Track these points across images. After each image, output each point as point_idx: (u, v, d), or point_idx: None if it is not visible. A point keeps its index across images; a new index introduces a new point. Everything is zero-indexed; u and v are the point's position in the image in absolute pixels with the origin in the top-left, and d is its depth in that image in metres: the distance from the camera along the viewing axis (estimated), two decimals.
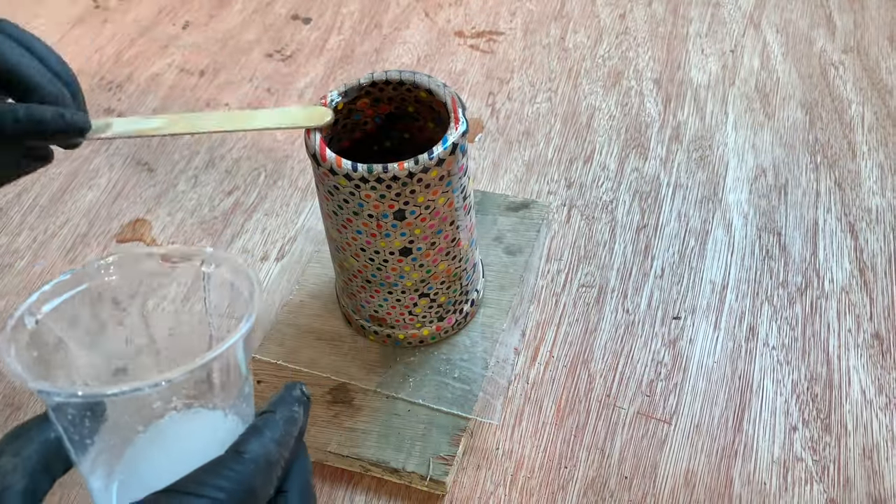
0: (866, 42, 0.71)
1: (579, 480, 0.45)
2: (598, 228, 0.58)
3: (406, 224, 0.43)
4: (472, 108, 0.68)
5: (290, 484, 0.29)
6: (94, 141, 0.70)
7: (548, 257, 0.56)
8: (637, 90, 0.68)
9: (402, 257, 0.45)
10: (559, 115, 0.67)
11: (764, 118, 0.65)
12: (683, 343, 0.51)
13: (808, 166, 0.61)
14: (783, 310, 0.52)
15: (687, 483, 0.45)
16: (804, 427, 0.47)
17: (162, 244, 0.60)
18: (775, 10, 0.75)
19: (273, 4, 0.81)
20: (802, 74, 0.68)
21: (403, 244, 0.44)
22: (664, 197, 0.60)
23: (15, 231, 0.61)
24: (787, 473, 0.45)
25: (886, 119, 0.64)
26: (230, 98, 0.71)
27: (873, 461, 0.45)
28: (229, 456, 0.27)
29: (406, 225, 0.43)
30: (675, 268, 0.55)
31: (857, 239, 0.56)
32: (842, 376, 0.49)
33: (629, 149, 0.63)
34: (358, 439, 0.46)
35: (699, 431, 0.47)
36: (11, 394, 0.51)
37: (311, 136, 0.43)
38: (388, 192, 0.41)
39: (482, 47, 0.74)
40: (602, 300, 0.54)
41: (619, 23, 0.75)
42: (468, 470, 0.46)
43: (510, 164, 0.63)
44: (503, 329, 0.51)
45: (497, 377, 0.49)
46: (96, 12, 0.82)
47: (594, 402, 0.49)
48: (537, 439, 0.47)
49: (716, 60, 0.70)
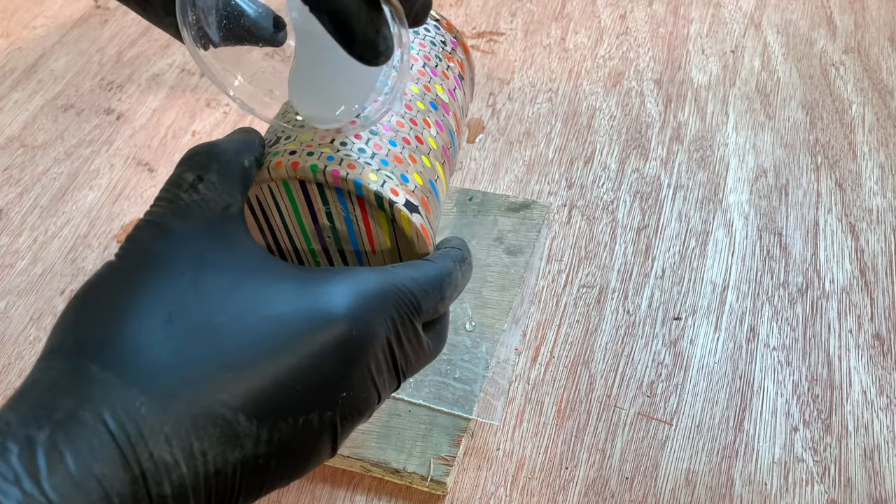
0: (867, 42, 0.71)
1: (580, 481, 0.45)
2: (598, 229, 0.58)
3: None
4: (473, 109, 0.68)
5: (445, 318, 0.33)
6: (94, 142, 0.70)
7: (548, 258, 0.56)
8: (638, 91, 0.68)
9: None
10: (560, 116, 0.67)
11: (765, 119, 0.65)
12: (684, 344, 0.51)
13: (809, 167, 0.61)
14: (784, 310, 0.52)
15: (688, 483, 0.45)
16: (805, 428, 0.47)
17: None
18: (776, 10, 0.75)
19: None
20: (803, 75, 0.68)
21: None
22: (665, 197, 0.60)
23: (16, 231, 0.61)
24: (787, 474, 0.45)
25: (887, 120, 0.64)
26: None
27: (874, 462, 0.45)
28: (420, 260, 0.32)
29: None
30: (675, 268, 0.55)
31: (857, 239, 0.56)
32: (843, 377, 0.49)
33: (630, 149, 0.63)
34: (358, 440, 0.46)
35: (700, 432, 0.47)
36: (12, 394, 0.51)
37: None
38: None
39: (483, 48, 0.74)
40: (603, 301, 0.54)
41: (619, 23, 0.75)
42: (469, 470, 0.46)
43: (511, 164, 0.63)
44: (504, 330, 0.51)
45: (498, 378, 0.49)
46: (97, 12, 0.82)
47: (595, 403, 0.49)
48: (538, 440, 0.47)
49: (716, 61, 0.70)
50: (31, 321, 0.55)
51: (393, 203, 0.33)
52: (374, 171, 0.33)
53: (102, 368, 0.24)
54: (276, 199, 0.35)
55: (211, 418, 0.25)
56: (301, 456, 0.27)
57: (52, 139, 0.69)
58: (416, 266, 0.31)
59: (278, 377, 0.26)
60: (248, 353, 0.26)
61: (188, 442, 0.24)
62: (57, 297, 0.56)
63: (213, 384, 0.25)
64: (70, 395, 0.24)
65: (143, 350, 0.25)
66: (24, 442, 0.23)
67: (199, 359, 0.25)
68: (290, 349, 0.26)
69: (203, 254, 0.27)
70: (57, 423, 0.23)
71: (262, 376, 0.26)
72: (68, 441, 0.23)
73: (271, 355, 0.26)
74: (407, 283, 0.30)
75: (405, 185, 0.34)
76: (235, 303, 0.26)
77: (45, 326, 0.55)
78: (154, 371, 0.25)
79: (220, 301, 0.26)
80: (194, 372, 0.25)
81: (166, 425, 0.24)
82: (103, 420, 0.24)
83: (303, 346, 0.26)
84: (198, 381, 0.25)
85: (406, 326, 0.30)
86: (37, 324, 0.55)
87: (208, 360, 0.25)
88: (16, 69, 0.76)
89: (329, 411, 0.27)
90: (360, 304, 0.28)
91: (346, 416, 0.28)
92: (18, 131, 0.70)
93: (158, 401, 0.24)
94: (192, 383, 0.25)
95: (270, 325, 0.26)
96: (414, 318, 0.30)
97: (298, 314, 0.27)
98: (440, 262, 0.32)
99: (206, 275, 0.27)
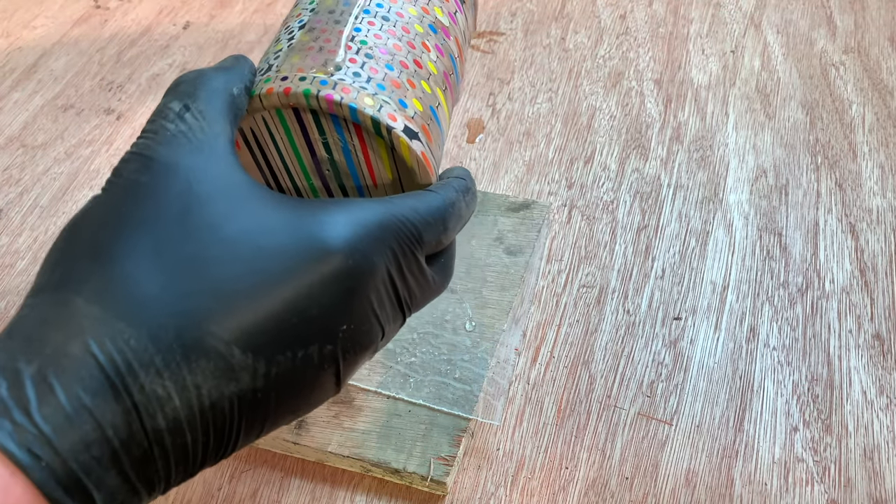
0: (867, 43, 0.71)
1: (580, 481, 0.45)
2: (598, 229, 0.58)
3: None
4: (473, 109, 0.68)
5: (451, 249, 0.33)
6: (94, 142, 0.70)
7: (548, 258, 0.56)
8: (638, 90, 0.68)
9: None
10: (560, 116, 0.67)
11: (765, 119, 0.65)
12: (684, 344, 0.51)
13: (809, 167, 0.61)
14: (784, 310, 0.52)
15: (688, 483, 0.45)
16: (805, 428, 0.47)
17: None
18: (776, 10, 0.75)
19: (274, 5, 0.81)
20: (803, 75, 0.68)
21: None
22: (665, 197, 0.60)
23: (16, 231, 0.61)
24: (787, 474, 0.45)
25: (887, 120, 0.64)
26: None
27: (874, 462, 0.45)
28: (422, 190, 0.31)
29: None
30: (675, 268, 0.55)
31: (857, 239, 0.56)
32: (843, 377, 0.49)
33: (630, 149, 0.63)
34: (358, 440, 0.46)
35: (700, 432, 0.47)
36: None
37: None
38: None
39: (483, 47, 0.74)
40: (603, 301, 0.54)
41: (619, 23, 0.75)
42: (469, 471, 0.46)
43: (511, 164, 0.63)
44: (504, 330, 0.51)
45: (498, 378, 0.49)
46: (96, 12, 0.82)
47: (595, 403, 0.49)
48: (538, 440, 0.47)
49: (716, 61, 0.70)
50: None
51: (391, 129, 0.32)
52: (369, 96, 0.32)
53: (88, 302, 0.24)
54: (270, 131, 0.33)
55: (203, 351, 0.24)
56: (302, 391, 0.27)
57: (52, 139, 0.69)
58: (417, 196, 0.30)
59: (273, 309, 0.25)
60: (240, 285, 0.25)
61: (180, 375, 0.24)
62: None
63: (203, 316, 0.24)
64: (57, 329, 0.23)
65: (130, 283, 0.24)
66: (13, 375, 0.23)
67: (189, 291, 0.24)
68: (284, 281, 0.25)
69: (191, 185, 0.26)
70: (45, 356, 0.23)
71: (255, 309, 0.25)
72: (57, 374, 0.23)
73: (265, 287, 0.25)
74: (407, 213, 0.29)
75: (404, 110, 0.33)
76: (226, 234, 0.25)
77: None
78: (142, 304, 0.24)
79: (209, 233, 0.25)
80: (183, 304, 0.24)
81: (156, 357, 0.23)
82: (92, 353, 0.23)
83: (298, 278, 0.25)
84: (187, 314, 0.24)
85: (408, 258, 0.29)
86: None
87: (198, 292, 0.24)
88: (16, 69, 0.76)
89: (329, 345, 0.27)
90: (358, 235, 0.27)
91: (349, 349, 0.27)
92: (18, 131, 0.70)
93: (147, 333, 0.24)
94: (181, 315, 0.24)
95: (264, 257, 0.25)
96: (416, 249, 0.29)
97: (293, 245, 0.26)
98: (443, 192, 0.31)
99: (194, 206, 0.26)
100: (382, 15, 0.35)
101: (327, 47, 0.33)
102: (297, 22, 0.35)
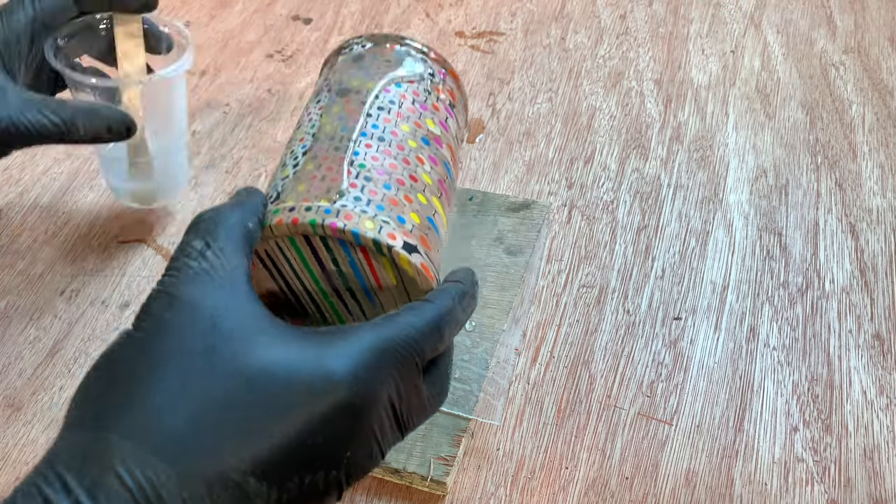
0: (867, 42, 0.71)
1: (580, 481, 0.45)
2: (598, 229, 0.58)
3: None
4: (473, 109, 0.68)
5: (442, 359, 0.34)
6: None
7: (548, 258, 0.56)
8: (638, 90, 0.68)
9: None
10: (560, 116, 0.67)
11: (765, 118, 0.65)
12: (684, 344, 0.51)
13: (809, 167, 0.61)
14: (784, 310, 0.52)
15: (688, 483, 0.45)
16: (805, 428, 0.47)
17: (163, 245, 0.60)
18: (776, 10, 0.75)
19: (274, 5, 0.81)
20: (803, 75, 0.68)
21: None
22: (665, 197, 0.60)
23: (16, 231, 0.61)
24: (787, 474, 0.45)
25: (887, 120, 0.64)
26: (230, 98, 0.71)
27: (874, 462, 0.45)
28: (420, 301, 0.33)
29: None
30: (675, 268, 0.55)
31: (857, 239, 0.56)
32: (843, 377, 0.49)
33: (630, 149, 0.63)
34: None
35: (700, 432, 0.47)
36: (12, 394, 0.51)
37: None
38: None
39: (483, 48, 0.74)
40: (603, 301, 0.54)
41: (619, 23, 0.75)
42: (469, 470, 0.46)
43: (511, 164, 0.63)
44: (504, 329, 0.51)
45: (498, 378, 0.49)
46: None
47: (595, 403, 0.49)
48: (538, 440, 0.47)
49: (716, 61, 0.70)
50: (31, 321, 0.55)
51: (391, 247, 0.35)
52: (370, 219, 0.35)
53: (122, 438, 0.26)
54: (283, 252, 0.36)
55: (223, 482, 0.27)
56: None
57: None
58: (414, 310, 0.33)
59: (285, 441, 0.28)
60: (256, 418, 0.28)
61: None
62: (57, 297, 0.56)
63: (224, 450, 0.27)
64: (94, 464, 0.26)
65: (159, 419, 0.27)
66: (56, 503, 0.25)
67: (212, 425, 0.27)
68: (295, 413, 0.28)
69: (214, 322, 0.29)
70: (84, 488, 0.25)
71: (269, 441, 0.28)
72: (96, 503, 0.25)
73: (278, 420, 0.28)
74: (405, 332, 0.31)
75: (402, 226, 0.36)
76: (245, 369, 0.28)
77: (44, 326, 0.55)
78: (170, 439, 0.27)
79: (230, 368, 0.28)
80: (207, 439, 0.27)
81: (184, 491, 0.26)
82: (126, 485, 0.26)
83: (307, 411, 0.28)
84: (210, 449, 0.27)
85: (406, 380, 0.31)
86: (37, 324, 0.55)
87: (220, 426, 0.27)
88: None
89: (334, 470, 0.29)
90: (361, 365, 0.30)
91: (352, 472, 0.30)
92: None
93: (175, 468, 0.26)
94: (205, 451, 0.27)
95: (277, 391, 0.28)
96: (415, 368, 0.32)
97: (302, 379, 0.28)
98: (439, 302, 0.34)
99: (217, 343, 0.29)
100: (378, 136, 0.38)
101: (329, 175, 0.36)
102: (300, 147, 0.39)
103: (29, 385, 0.51)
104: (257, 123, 0.69)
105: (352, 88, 0.40)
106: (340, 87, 0.41)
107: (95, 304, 0.56)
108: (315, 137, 0.38)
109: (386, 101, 0.40)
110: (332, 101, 0.40)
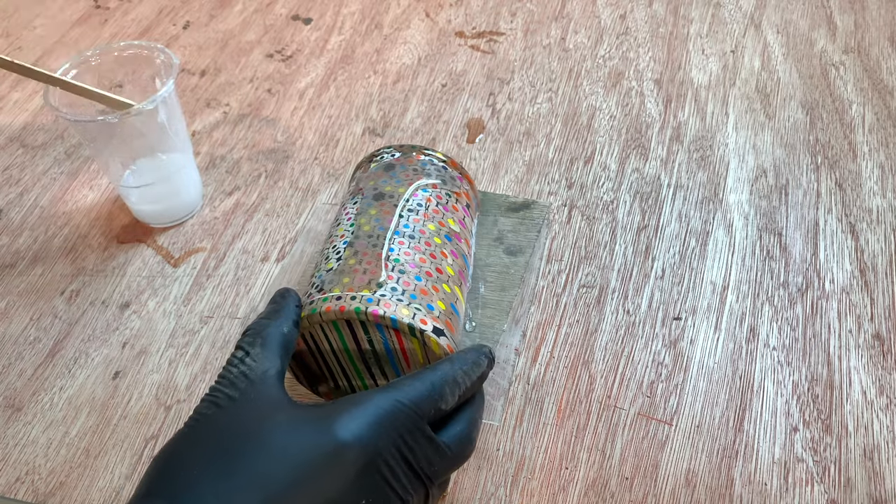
0: (867, 43, 0.71)
1: (580, 481, 0.45)
2: (598, 229, 0.58)
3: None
4: (473, 109, 0.68)
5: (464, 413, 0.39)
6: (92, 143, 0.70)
7: (548, 258, 0.56)
8: (638, 90, 0.68)
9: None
10: (560, 116, 0.67)
11: (765, 119, 0.65)
12: (684, 344, 0.51)
13: (809, 167, 0.61)
14: (784, 310, 0.52)
15: (688, 483, 0.45)
16: (805, 428, 0.47)
17: (164, 246, 0.60)
18: (776, 10, 0.75)
19: (273, 5, 0.81)
20: (803, 75, 0.68)
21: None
22: (665, 197, 0.60)
23: (16, 231, 0.61)
24: (787, 474, 0.45)
25: (887, 120, 0.64)
26: (231, 98, 0.71)
27: (874, 462, 0.45)
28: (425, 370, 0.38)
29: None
30: (675, 268, 0.55)
31: (857, 239, 0.56)
32: (842, 377, 0.49)
33: (630, 149, 0.63)
34: None
35: (700, 432, 0.47)
36: (12, 394, 0.51)
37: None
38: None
39: (483, 48, 0.74)
40: (603, 301, 0.54)
41: (619, 23, 0.75)
42: (469, 471, 0.46)
43: (511, 164, 0.63)
44: (504, 330, 0.51)
45: (498, 378, 0.49)
46: (96, 12, 0.82)
47: (595, 403, 0.49)
48: (538, 440, 0.47)
49: (716, 61, 0.70)
50: (31, 321, 0.55)
51: (423, 332, 0.41)
52: (405, 307, 0.41)
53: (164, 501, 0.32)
54: (325, 333, 0.43)
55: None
56: None
57: (52, 139, 0.69)
58: (419, 375, 0.38)
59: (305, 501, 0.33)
60: (283, 493, 0.33)
61: None
62: (57, 297, 0.56)
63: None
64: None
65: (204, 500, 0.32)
66: None
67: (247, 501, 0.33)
68: (314, 482, 0.33)
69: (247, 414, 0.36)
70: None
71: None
72: None
73: (298, 485, 0.33)
74: (407, 394, 0.37)
75: (431, 313, 0.42)
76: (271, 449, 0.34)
77: (44, 326, 0.55)
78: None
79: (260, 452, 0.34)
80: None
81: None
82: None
83: (322, 472, 0.33)
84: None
85: (413, 432, 0.36)
86: (37, 324, 0.55)
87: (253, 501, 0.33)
88: None
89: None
90: (365, 425, 0.35)
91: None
92: (18, 131, 0.70)
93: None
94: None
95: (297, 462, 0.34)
96: (419, 423, 0.36)
97: (318, 447, 0.34)
98: (441, 368, 0.39)
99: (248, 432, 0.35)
100: (409, 234, 0.45)
101: (370, 269, 0.43)
102: (342, 242, 0.45)
103: (29, 385, 0.51)
104: (257, 123, 0.69)
105: (385, 193, 0.47)
106: (375, 192, 0.48)
107: (95, 305, 0.56)
108: (355, 235, 0.45)
109: (415, 204, 0.47)
110: (368, 205, 0.47)
